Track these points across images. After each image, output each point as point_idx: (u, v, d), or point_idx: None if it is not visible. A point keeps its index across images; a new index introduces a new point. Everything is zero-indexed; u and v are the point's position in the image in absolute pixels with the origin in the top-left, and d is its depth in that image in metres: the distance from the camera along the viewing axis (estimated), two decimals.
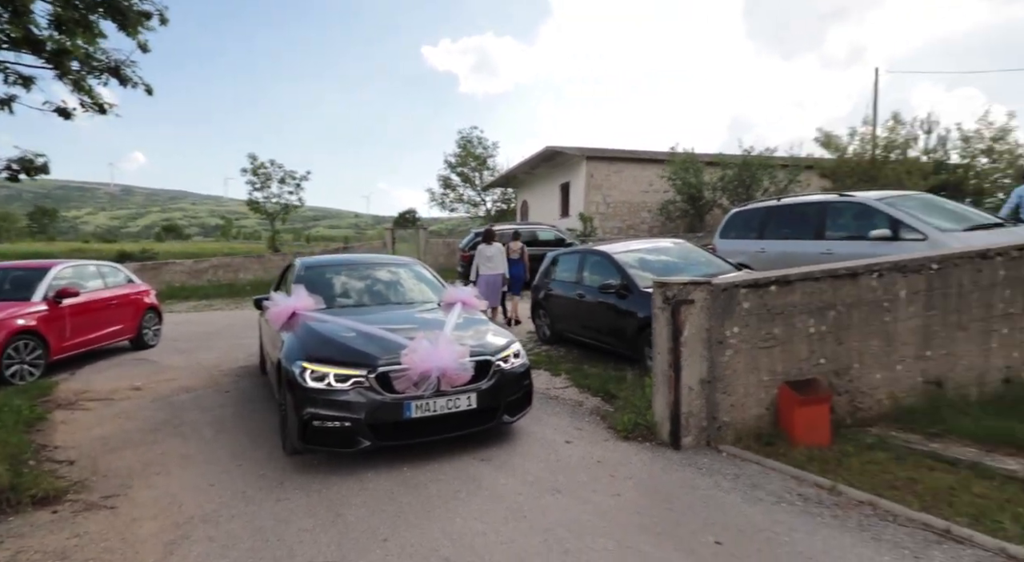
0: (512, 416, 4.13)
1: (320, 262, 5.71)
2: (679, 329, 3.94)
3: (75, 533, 2.91)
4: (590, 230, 19.02)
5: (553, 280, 7.91)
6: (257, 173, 23.89)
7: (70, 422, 4.82)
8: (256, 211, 25.32)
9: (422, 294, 5.47)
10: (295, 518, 3.06)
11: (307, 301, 4.68)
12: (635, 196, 20.25)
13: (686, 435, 3.95)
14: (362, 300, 5.18)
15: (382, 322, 4.39)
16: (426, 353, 3.69)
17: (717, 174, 18.08)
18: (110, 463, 3.88)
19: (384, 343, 3.92)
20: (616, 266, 6.40)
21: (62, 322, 6.72)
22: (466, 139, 33.31)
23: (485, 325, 4.63)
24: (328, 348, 3.88)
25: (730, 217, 9.35)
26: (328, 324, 4.29)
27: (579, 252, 7.51)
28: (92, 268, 7.84)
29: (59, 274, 7.00)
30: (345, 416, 3.58)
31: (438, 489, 3.39)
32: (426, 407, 3.70)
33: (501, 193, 34.94)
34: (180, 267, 19.39)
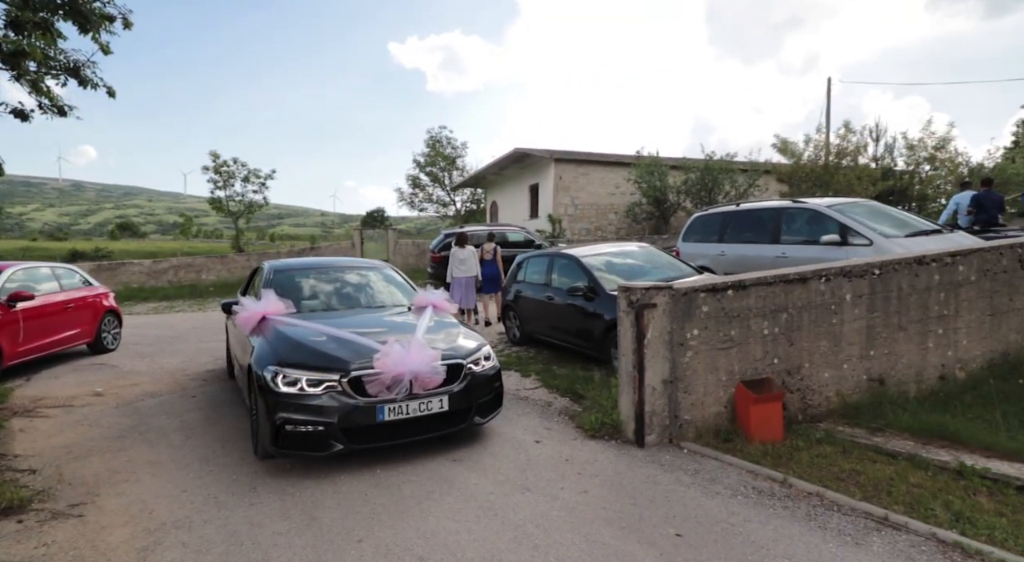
0: (483, 417, 4.24)
1: (289, 265, 5.68)
2: (643, 332, 4.12)
3: (43, 542, 2.88)
4: (559, 231, 19.28)
5: (522, 282, 8.05)
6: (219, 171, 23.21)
7: (29, 430, 4.69)
8: (218, 210, 24.60)
9: (393, 297, 5.52)
10: (269, 522, 3.09)
11: (277, 305, 4.68)
12: (602, 198, 20.63)
13: (650, 433, 4.14)
14: (332, 304, 5.20)
15: (353, 326, 4.44)
16: (398, 357, 3.77)
17: (681, 178, 18.59)
18: (75, 471, 3.81)
19: (356, 347, 3.97)
20: (583, 269, 6.59)
21: (15, 326, 6.48)
22: (435, 139, 33.17)
23: (456, 328, 4.72)
24: (300, 353, 3.91)
25: (692, 221, 9.69)
26: (299, 328, 4.31)
27: (548, 255, 7.68)
28: (46, 270, 7.56)
29: (11, 277, 6.74)
30: (318, 420, 3.63)
31: (411, 490, 3.48)
32: (399, 410, 3.77)
33: (471, 193, 34.93)
34: (138, 268, 18.74)
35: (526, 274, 8.08)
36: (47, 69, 4.13)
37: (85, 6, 3.74)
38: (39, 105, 4.25)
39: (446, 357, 4.03)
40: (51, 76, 4.22)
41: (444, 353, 4.04)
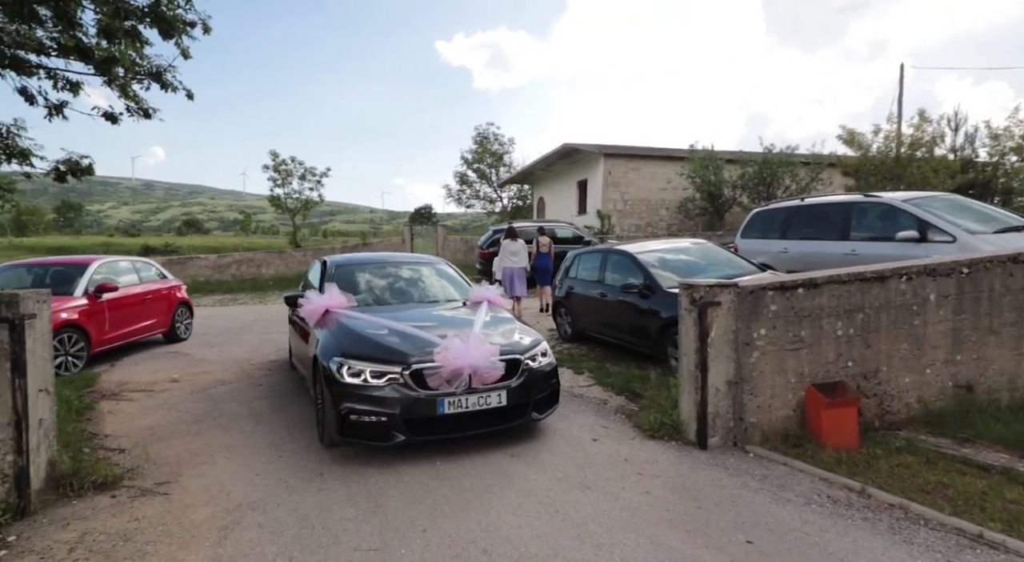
0: (540, 413, 4.23)
1: (349, 261, 5.85)
2: (706, 331, 4.00)
3: (134, 517, 3.08)
4: (608, 228, 19.02)
5: (574, 279, 7.98)
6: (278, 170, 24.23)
7: (116, 412, 5.04)
8: (277, 207, 25.69)
9: (448, 292, 5.59)
10: (337, 507, 3.19)
11: (339, 299, 4.82)
12: (653, 194, 20.19)
13: (712, 435, 4.01)
14: (391, 298, 5.31)
15: (412, 320, 4.52)
16: (458, 351, 3.81)
17: (737, 172, 17.94)
18: (159, 452, 4.06)
19: (417, 341, 4.04)
20: (639, 266, 6.46)
21: (102, 315, 6.97)
22: (482, 135, 33.37)
23: (512, 324, 4.73)
24: (363, 345, 4.02)
25: (752, 217, 9.33)
26: (361, 321, 4.43)
27: (600, 251, 7.57)
28: (127, 263, 8.10)
29: (98, 269, 7.26)
30: (381, 411, 3.71)
31: (471, 483, 3.51)
32: (458, 404, 3.81)
33: (517, 190, 34.97)
34: (204, 262, 19.82)
35: (577, 271, 8.00)
36: (133, 75, 4.41)
37: (169, 13, 3.98)
38: (127, 108, 4.55)
39: (504, 352, 4.04)
40: (137, 81, 4.51)
41: (502, 348, 4.06)
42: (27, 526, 2.95)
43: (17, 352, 3.04)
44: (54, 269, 7.20)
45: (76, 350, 6.47)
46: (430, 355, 3.85)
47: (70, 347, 6.39)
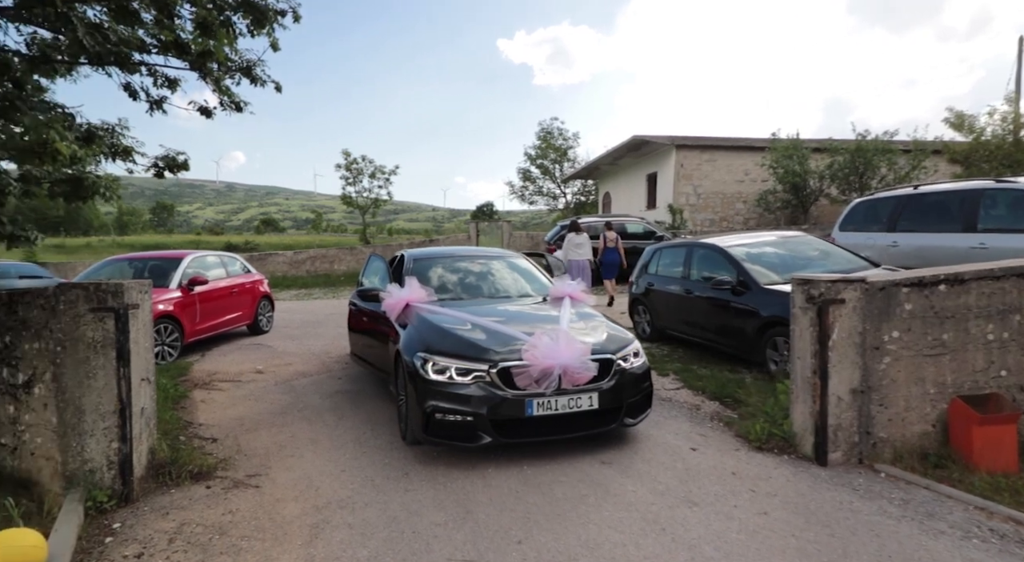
0: (633, 418, 3.92)
1: (428, 254, 5.76)
2: (826, 332, 3.54)
3: (228, 510, 3.07)
4: (680, 223, 18.23)
5: (654, 275, 7.55)
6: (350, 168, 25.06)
7: (208, 402, 5.19)
8: (349, 205, 26.58)
9: (528, 288, 5.38)
10: (425, 511, 3.05)
11: (420, 293, 4.71)
12: (729, 186, 19.14)
13: (834, 450, 3.56)
14: (471, 293, 5.16)
15: (495, 316, 4.34)
16: (547, 349, 3.57)
17: (825, 161, 16.64)
18: (249, 443, 4.10)
19: (503, 337, 3.84)
20: (730, 260, 5.98)
21: (193, 307, 7.30)
22: (546, 131, 33.04)
23: (600, 321, 4.44)
24: (447, 341, 3.86)
25: (853, 207, 8.52)
26: (443, 316, 4.28)
27: (685, 245, 7.11)
28: (216, 258, 8.48)
29: (191, 263, 7.62)
30: (467, 410, 3.54)
31: (563, 491, 3.27)
32: (547, 405, 3.58)
33: (581, 185, 34.40)
34: (282, 258, 20.77)
35: (658, 266, 7.57)
36: (226, 70, 4.50)
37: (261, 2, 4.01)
38: (220, 102, 4.66)
39: (595, 351, 3.76)
40: (229, 76, 4.60)
41: (593, 347, 3.78)
42: (130, 513, 3.00)
43: (122, 341, 3.09)
44: (152, 263, 7.63)
45: (171, 340, 6.80)
46: (517, 353, 3.63)
47: (166, 337, 6.72)
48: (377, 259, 6.18)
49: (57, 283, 3.09)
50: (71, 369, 3.04)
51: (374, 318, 5.10)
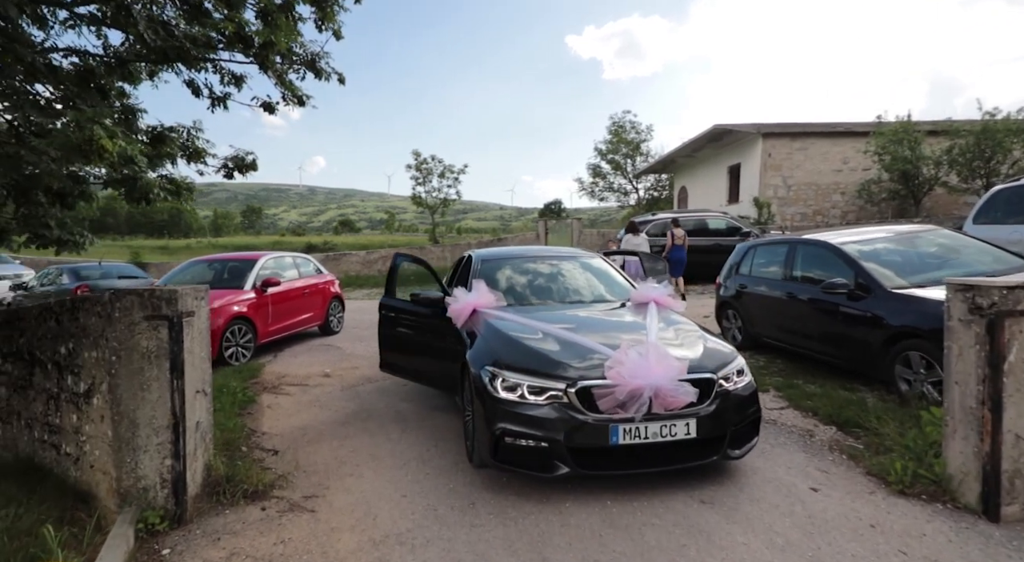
0: (738, 449, 3.30)
1: (497, 255, 5.36)
2: (1000, 352, 2.77)
3: (281, 538, 2.80)
4: (767, 217, 16.83)
5: (747, 276, 6.75)
6: (420, 168, 25.38)
7: (274, 407, 5.08)
8: (418, 205, 26.98)
9: (607, 291, 4.84)
10: (494, 553, 2.63)
11: (488, 297, 4.32)
12: (824, 176, 17.44)
13: (1009, 502, 2.78)
14: (544, 297, 4.70)
15: (571, 323, 3.86)
16: (635, 366, 3.04)
17: (941, 145, 14.69)
18: (309, 456, 3.88)
19: (582, 350, 3.35)
20: (846, 259, 5.13)
21: (266, 309, 7.36)
22: (618, 124, 31.96)
23: (694, 331, 3.84)
24: (519, 353, 3.42)
25: (992, 196, 7.28)
26: (514, 324, 3.85)
27: (785, 243, 6.27)
28: (289, 259, 8.57)
29: (264, 264, 7.70)
30: (541, 435, 3.08)
31: (656, 537, 2.73)
32: (635, 433, 3.04)
33: (655, 180, 33.03)
34: (355, 258, 21.35)
35: (752, 266, 6.76)
36: (289, 63, 4.33)
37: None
38: (282, 96, 4.51)
39: (692, 370, 3.18)
40: (293, 70, 4.44)
41: (690, 364, 3.21)
42: (181, 538, 2.80)
43: (176, 352, 2.91)
44: (229, 264, 7.79)
45: (245, 341, 6.86)
46: (600, 369, 3.13)
47: (240, 339, 6.78)
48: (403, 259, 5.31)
49: (114, 290, 2.94)
50: (125, 380, 2.89)
51: (430, 325, 4.72)
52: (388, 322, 5.22)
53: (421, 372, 4.94)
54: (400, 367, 5.18)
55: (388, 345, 5.24)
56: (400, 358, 5.16)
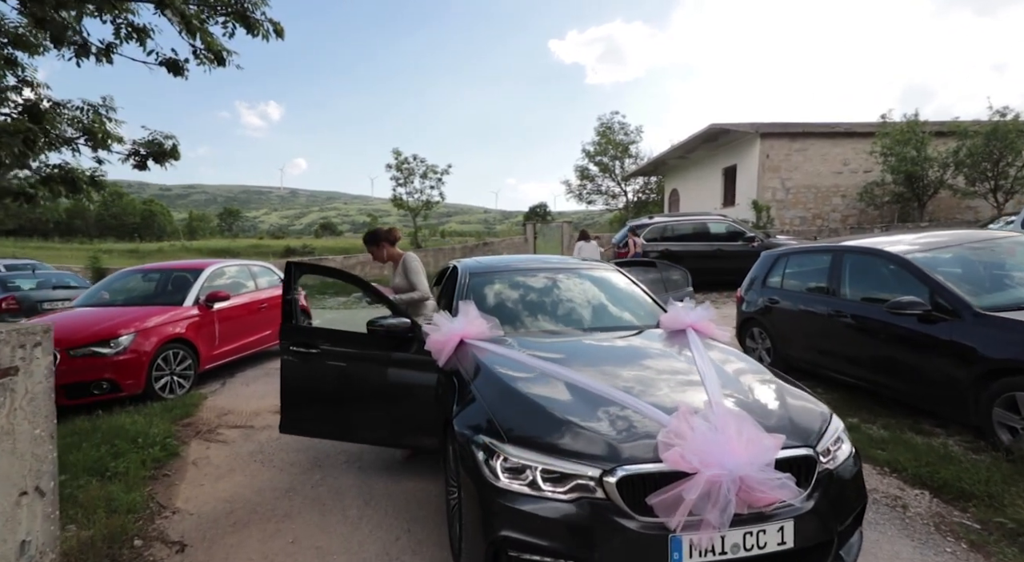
0: (850, 555, 2.28)
1: (488, 267, 4.30)
2: None
3: None
4: (765, 221, 16.06)
5: (779, 289, 5.80)
6: (401, 168, 24.15)
7: (202, 464, 3.96)
8: (400, 207, 25.71)
9: (631, 313, 3.83)
10: None
11: (479, 325, 3.27)
12: (824, 178, 16.74)
13: None
14: (551, 322, 3.66)
15: (594, 360, 2.85)
16: (707, 443, 2.01)
17: (947, 147, 14.05)
18: (227, 553, 2.77)
19: (621, 413, 2.32)
20: (916, 273, 4.18)
21: (212, 328, 6.21)
22: (606, 125, 31.14)
23: (762, 373, 2.83)
24: (528, 416, 2.37)
25: None
26: (517, 365, 2.81)
27: (828, 251, 5.32)
28: (243, 268, 7.41)
29: (211, 276, 6.54)
30: (563, 549, 2.04)
31: None
32: (708, 548, 2.01)
33: (643, 183, 32.30)
34: (331, 263, 20.10)
35: (784, 277, 5.82)
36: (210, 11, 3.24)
37: None
38: (193, 52, 3.41)
39: (784, 444, 2.17)
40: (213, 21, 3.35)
41: (779, 429, 2.19)
42: None
43: None
44: (168, 275, 6.62)
45: (182, 369, 5.70)
46: (650, 445, 2.10)
47: (176, 365, 5.62)
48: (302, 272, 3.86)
49: None
50: None
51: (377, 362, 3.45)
52: (304, 364, 3.57)
53: (367, 428, 3.54)
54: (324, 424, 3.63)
55: (306, 397, 3.59)
56: (327, 412, 3.59)
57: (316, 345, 3.60)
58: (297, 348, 3.62)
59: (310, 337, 3.68)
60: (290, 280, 3.77)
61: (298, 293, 4.01)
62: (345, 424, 3.60)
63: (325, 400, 3.60)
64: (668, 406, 2.29)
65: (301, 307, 8.04)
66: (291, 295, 3.79)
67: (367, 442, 3.83)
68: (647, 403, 2.31)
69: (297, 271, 3.80)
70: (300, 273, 3.84)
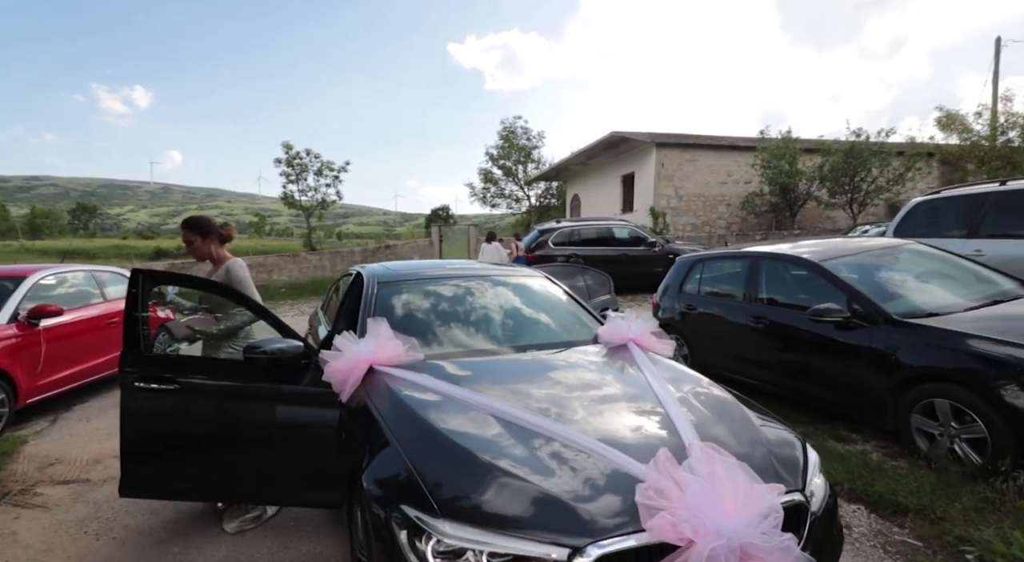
0: None
1: (399, 273, 3.65)
2: None
3: None
4: (661, 227, 16.76)
5: (696, 295, 5.76)
6: (292, 164, 22.13)
7: (8, 541, 2.91)
8: (291, 206, 23.60)
9: (564, 327, 3.41)
10: None
11: (392, 347, 2.66)
12: (711, 188, 17.87)
13: None
14: (476, 339, 3.13)
15: (538, 391, 2.38)
16: (697, 502, 1.61)
17: (815, 162, 15.58)
18: None
19: (583, 464, 1.85)
20: (831, 279, 4.22)
21: (37, 351, 4.90)
22: (509, 130, 31.21)
23: (722, 397, 2.54)
24: (467, 474, 1.82)
25: (912, 209, 7.07)
26: (447, 403, 2.26)
27: (745, 257, 5.33)
28: (86, 276, 6.02)
29: (36, 285, 5.19)
30: None
31: None
32: None
33: (546, 187, 32.82)
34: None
35: (700, 284, 5.78)
36: None
37: None
38: None
39: None
40: None
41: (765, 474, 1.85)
42: None
43: None
44: None
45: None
46: (625, 510, 1.66)
47: None
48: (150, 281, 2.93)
49: None
50: None
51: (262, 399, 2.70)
52: (155, 403, 2.70)
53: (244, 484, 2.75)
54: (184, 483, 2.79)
55: (158, 447, 2.74)
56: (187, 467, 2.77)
57: (174, 379, 2.75)
58: (146, 384, 2.74)
59: (166, 368, 2.81)
60: (139, 293, 2.87)
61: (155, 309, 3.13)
62: (213, 481, 2.79)
63: (185, 451, 2.77)
64: (634, 448, 1.87)
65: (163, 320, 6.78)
66: (139, 312, 2.89)
67: (245, 501, 3.05)
68: (613, 448, 1.87)
69: (146, 281, 2.91)
70: (150, 283, 2.95)
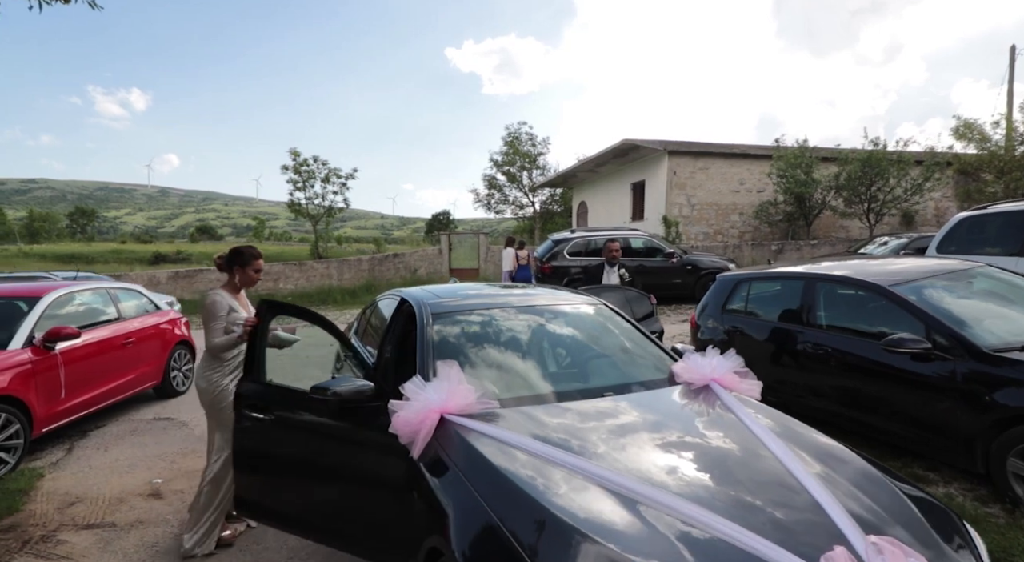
0: None
1: (452, 304, 3.31)
2: None
3: None
4: (673, 236, 16.53)
5: (744, 315, 5.50)
6: (299, 171, 21.75)
7: None
8: (297, 213, 23.22)
9: (637, 365, 3.14)
10: None
11: (464, 394, 2.38)
12: (724, 196, 17.65)
13: None
14: (549, 384, 2.85)
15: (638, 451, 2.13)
16: None
17: (830, 171, 15.38)
18: None
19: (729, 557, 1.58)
20: (904, 305, 3.96)
21: (56, 375, 4.61)
22: (513, 135, 31.00)
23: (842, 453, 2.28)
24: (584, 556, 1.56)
25: (956, 224, 6.84)
26: (545, 467, 1.99)
27: (799, 278, 5.07)
28: (101, 293, 5.72)
29: (52, 305, 4.90)
30: None
31: None
32: None
33: (550, 194, 32.60)
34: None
35: (747, 303, 5.53)
36: None
37: None
38: None
39: None
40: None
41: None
42: None
43: None
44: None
45: (6, 437, 4.10)
46: None
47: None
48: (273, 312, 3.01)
49: None
50: None
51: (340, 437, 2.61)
52: (257, 429, 2.78)
53: (325, 525, 2.69)
54: (279, 511, 2.85)
55: (255, 470, 2.84)
56: (280, 495, 2.85)
57: (268, 407, 2.78)
58: (248, 411, 2.79)
59: (264, 398, 2.79)
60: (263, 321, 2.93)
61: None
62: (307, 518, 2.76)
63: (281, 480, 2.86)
64: (776, 534, 1.60)
65: (181, 337, 6.53)
66: (259, 340, 2.91)
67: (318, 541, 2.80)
68: (764, 540, 1.59)
69: (269, 312, 2.95)
70: (273, 314, 2.98)
